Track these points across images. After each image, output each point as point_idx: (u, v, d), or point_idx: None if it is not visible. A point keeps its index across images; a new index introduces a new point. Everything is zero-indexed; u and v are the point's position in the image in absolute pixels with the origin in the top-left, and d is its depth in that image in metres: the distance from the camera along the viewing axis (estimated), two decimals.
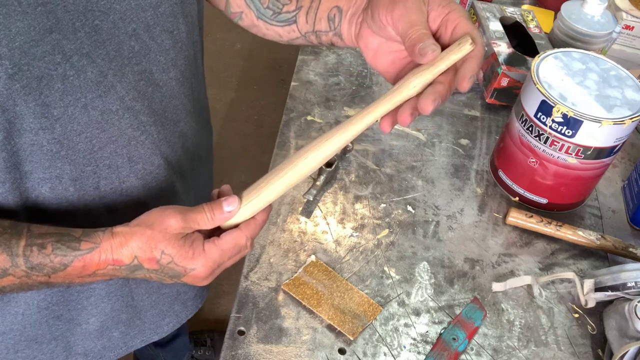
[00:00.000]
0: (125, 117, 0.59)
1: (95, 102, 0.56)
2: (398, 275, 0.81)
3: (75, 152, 0.58)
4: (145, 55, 0.59)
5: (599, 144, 0.81)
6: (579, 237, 0.85)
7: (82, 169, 0.59)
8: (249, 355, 0.70)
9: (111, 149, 0.60)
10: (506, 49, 1.08)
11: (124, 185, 0.64)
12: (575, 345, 0.75)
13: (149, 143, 0.64)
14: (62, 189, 0.59)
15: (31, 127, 0.53)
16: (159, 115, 0.64)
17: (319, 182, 0.88)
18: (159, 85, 0.62)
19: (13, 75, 0.49)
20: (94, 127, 0.57)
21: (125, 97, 0.58)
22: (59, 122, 0.55)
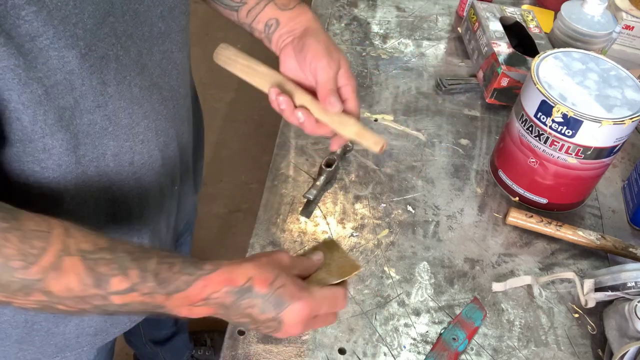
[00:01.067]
0: (155, 92, 0.64)
1: (136, 79, 0.61)
2: (398, 275, 0.81)
3: (119, 127, 0.62)
4: (168, 35, 0.64)
5: (599, 144, 0.81)
6: (579, 237, 0.85)
7: (122, 145, 0.63)
8: (249, 355, 0.70)
9: (145, 123, 0.65)
10: (506, 49, 1.08)
11: (151, 159, 0.68)
12: (575, 345, 0.75)
13: (169, 117, 0.69)
14: (104, 165, 0.63)
15: (91, 105, 0.57)
16: (175, 90, 0.69)
17: (319, 182, 0.88)
18: (176, 63, 0.68)
19: (85, 55, 0.53)
20: (135, 102, 0.62)
21: (153, 74, 0.63)
22: (111, 100, 0.59)
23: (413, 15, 1.33)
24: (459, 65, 1.19)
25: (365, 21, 1.28)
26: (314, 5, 1.31)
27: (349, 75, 0.69)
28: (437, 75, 1.15)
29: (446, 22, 1.32)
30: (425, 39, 1.25)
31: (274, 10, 0.72)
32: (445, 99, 1.11)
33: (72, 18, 0.51)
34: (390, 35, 1.25)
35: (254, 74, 0.70)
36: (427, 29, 1.28)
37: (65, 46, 0.51)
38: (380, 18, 1.30)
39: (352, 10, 1.32)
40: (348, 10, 1.31)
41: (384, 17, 1.31)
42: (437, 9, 1.36)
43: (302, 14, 0.71)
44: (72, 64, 0.53)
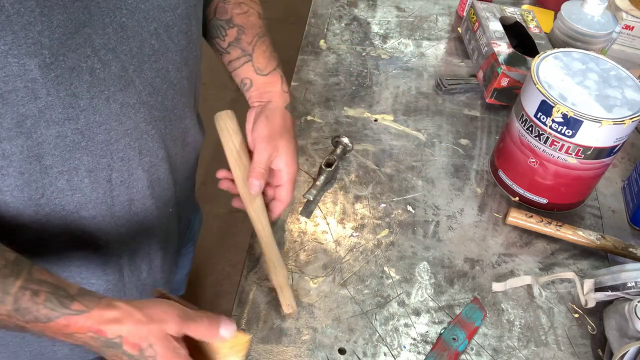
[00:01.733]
0: (141, 111, 0.63)
1: (117, 95, 0.59)
2: (398, 275, 0.81)
3: (94, 143, 0.60)
4: (164, 53, 0.63)
5: (599, 144, 0.81)
6: (579, 237, 0.85)
7: (98, 161, 0.62)
8: (249, 355, 0.70)
9: (125, 141, 0.63)
10: (506, 49, 1.08)
11: (132, 177, 0.66)
12: (575, 345, 0.75)
13: (157, 137, 0.67)
14: (77, 180, 0.61)
15: (59, 117, 0.55)
16: (168, 111, 0.67)
17: (319, 182, 0.88)
18: (173, 83, 0.66)
19: (50, 65, 0.51)
20: (113, 119, 0.60)
21: (142, 92, 0.62)
22: (84, 113, 0.57)
23: (413, 15, 1.33)
24: (459, 65, 1.19)
25: (365, 21, 1.28)
26: (314, 5, 1.31)
27: (289, 161, 0.74)
28: (437, 75, 1.15)
29: (446, 22, 1.32)
30: (425, 39, 1.25)
31: (250, 71, 0.77)
32: (445, 99, 1.11)
33: (37, 25, 0.49)
34: (390, 35, 1.25)
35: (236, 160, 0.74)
36: (427, 29, 1.28)
37: (26, 53, 0.50)
38: (380, 18, 1.30)
39: (352, 10, 1.32)
40: (348, 10, 1.31)
41: (384, 17, 1.31)
42: (437, 9, 1.36)
43: (273, 84, 0.77)
44: (34, 72, 0.51)
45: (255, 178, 0.71)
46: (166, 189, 0.73)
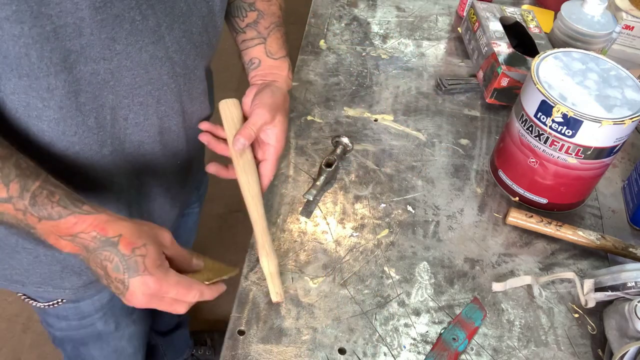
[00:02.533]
0: (166, 64, 0.68)
1: (149, 46, 0.65)
2: (398, 275, 0.81)
3: (120, 84, 0.65)
4: (189, 17, 0.69)
5: (599, 144, 0.81)
6: (579, 237, 0.85)
7: (120, 100, 0.67)
8: (249, 355, 0.70)
9: (147, 89, 0.69)
10: (506, 49, 1.08)
11: (147, 121, 0.72)
12: (575, 345, 0.75)
13: (176, 91, 0.72)
14: (102, 117, 0.67)
15: (96, 56, 0.61)
16: (189, 70, 0.73)
17: (319, 182, 0.88)
18: (195, 45, 0.72)
19: (98, 9, 0.57)
20: (141, 67, 0.66)
21: (170, 48, 0.68)
22: (118, 57, 0.62)
23: (413, 15, 1.33)
24: (459, 65, 1.19)
25: (365, 21, 1.28)
26: (314, 5, 1.31)
27: (280, 138, 0.76)
28: (437, 75, 1.15)
29: (446, 22, 1.32)
30: (425, 39, 1.25)
31: (261, 53, 0.82)
32: (445, 99, 1.11)
33: None
34: (390, 35, 1.25)
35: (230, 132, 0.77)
36: (427, 29, 1.28)
37: None
38: (380, 18, 1.30)
39: (352, 10, 1.32)
40: (348, 10, 1.31)
41: (384, 17, 1.31)
42: (437, 9, 1.36)
43: (280, 68, 0.82)
44: (84, 12, 0.57)
45: (243, 136, 0.74)
46: (176, 140, 0.78)
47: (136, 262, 0.59)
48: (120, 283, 0.59)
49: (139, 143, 0.73)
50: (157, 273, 0.60)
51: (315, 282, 0.78)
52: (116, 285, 0.60)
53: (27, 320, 1.72)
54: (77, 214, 0.60)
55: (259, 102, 0.76)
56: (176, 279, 0.61)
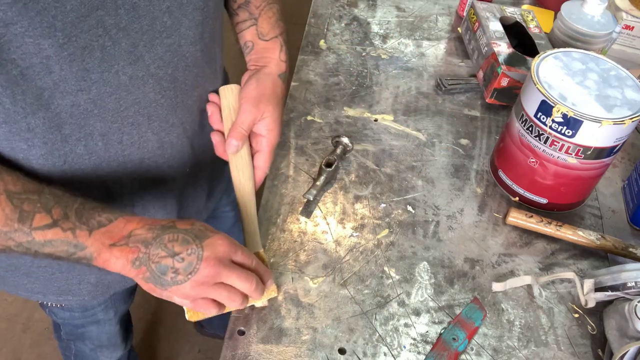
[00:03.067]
0: (149, 82, 0.67)
1: (126, 68, 0.63)
2: (398, 275, 0.81)
3: (105, 110, 0.65)
4: (176, 29, 0.66)
5: (599, 144, 0.81)
6: (579, 237, 0.85)
7: (109, 126, 0.67)
8: (249, 355, 0.70)
9: (135, 109, 0.68)
10: (506, 49, 1.08)
11: (142, 139, 0.71)
12: (575, 345, 0.75)
13: (167, 105, 0.71)
14: (93, 144, 0.67)
15: (72, 89, 0.60)
16: (179, 82, 0.71)
17: (319, 182, 0.88)
18: (185, 56, 0.70)
19: (63, 45, 0.56)
20: (122, 89, 0.65)
21: (151, 66, 0.66)
22: (95, 85, 0.62)
23: (413, 15, 1.33)
24: (459, 65, 1.19)
25: (365, 21, 1.28)
26: (314, 5, 1.31)
27: (272, 127, 0.75)
28: (437, 75, 1.15)
29: (446, 22, 1.32)
30: (425, 39, 1.25)
31: (253, 35, 0.80)
32: (445, 99, 1.11)
33: (51, 11, 0.53)
34: (390, 35, 1.25)
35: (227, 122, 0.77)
36: (427, 29, 1.28)
37: (41, 35, 0.54)
38: (380, 18, 1.30)
39: (352, 10, 1.32)
40: (348, 10, 1.31)
41: (384, 17, 1.31)
42: (437, 9, 1.36)
43: (271, 50, 0.79)
44: (49, 51, 0.56)
45: (234, 138, 0.74)
46: (180, 151, 0.77)
47: (201, 230, 0.62)
48: (193, 255, 0.60)
49: (139, 160, 0.73)
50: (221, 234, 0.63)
51: (315, 282, 0.78)
52: (188, 261, 0.60)
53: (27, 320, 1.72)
54: (125, 216, 0.62)
55: (245, 96, 0.75)
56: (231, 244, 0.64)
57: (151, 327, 1.73)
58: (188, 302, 0.63)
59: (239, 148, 0.74)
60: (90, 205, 0.62)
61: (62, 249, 0.60)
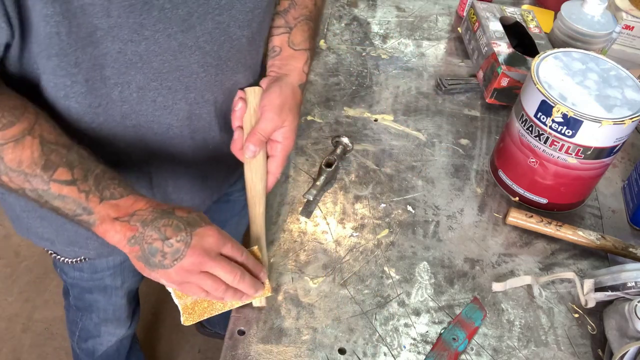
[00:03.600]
0: (196, 54, 0.69)
1: (178, 35, 0.66)
2: (398, 275, 0.81)
3: (149, 67, 0.67)
4: (228, 10, 0.69)
5: (599, 144, 0.81)
6: (579, 237, 0.85)
7: (148, 82, 0.69)
8: (249, 355, 0.70)
9: (176, 75, 0.70)
10: (506, 49, 1.08)
11: (175, 106, 0.74)
12: (575, 345, 0.75)
13: (206, 80, 0.74)
14: (128, 93, 0.69)
15: (124, 37, 0.62)
16: (223, 61, 0.74)
17: (319, 182, 0.88)
18: (231, 38, 0.72)
19: None
20: (169, 53, 0.67)
21: (200, 38, 0.68)
22: (145, 41, 0.64)
23: (413, 15, 1.33)
24: (459, 65, 1.19)
25: (365, 21, 1.28)
26: None
27: (288, 136, 0.77)
28: (437, 75, 1.15)
29: (446, 22, 1.32)
30: (425, 39, 1.25)
31: (283, 42, 0.81)
32: (445, 99, 1.11)
33: None
34: (390, 35, 1.25)
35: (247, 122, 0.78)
36: (427, 29, 1.28)
37: None
38: (380, 18, 1.30)
39: (352, 10, 1.32)
40: (348, 10, 1.31)
41: (384, 17, 1.31)
42: (437, 9, 1.36)
43: (297, 59, 0.80)
44: None
45: (253, 143, 0.75)
46: (207, 128, 0.80)
47: (195, 219, 0.65)
48: (181, 242, 0.63)
49: (167, 126, 0.75)
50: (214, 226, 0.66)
51: (315, 282, 0.79)
52: (176, 247, 0.63)
53: (27, 320, 1.72)
54: (136, 195, 0.66)
55: (268, 103, 0.76)
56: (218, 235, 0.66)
57: (151, 327, 1.73)
58: (175, 285, 0.67)
59: (256, 154, 0.76)
60: (109, 174, 0.66)
61: (71, 208, 0.64)
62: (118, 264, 0.99)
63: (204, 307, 0.71)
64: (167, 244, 0.63)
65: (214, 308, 0.71)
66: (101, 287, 1.04)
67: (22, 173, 0.62)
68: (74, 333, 1.22)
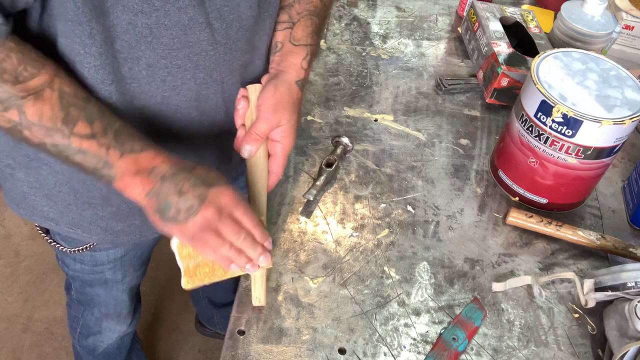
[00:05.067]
0: (206, 30, 0.69)
1: (188, 9, 0.65)
2: (398, 275, 0.81)
3: (158, 42, 0.67)
4: None
5: (599, 144, 0.81)
6: (579, 237, 0.85)
7: (158, 59, 0.68)
8: (249, 355, 0.70)
9: (186, 52, 0.69)
10: (506, 49, 1.08)
11: (184, 85, 0.73)
12: (575, 345, 0.75)
13: (215, 58, 0.73)
14: (137, 70, 0.68)
15: (134, 7, 0.62)
16: (232, 41, 0.73)
17: (319, 182, 0.88)
18: (240, 17, 0.72)
19: None
20: (179, 28, 0.67)
21: (210, 15, 0.68)
22: (156, 13, 0.64)
23: (413, 15, 1.33)
24: (459, 65, 1.19)
25: (365, 21, 1.28)
26: None
27: (287, 134, 0.77)
28: (437, 75, 1.15)
29: (446, 22, 1.32)
30: (425, 39, 1.25)
31: (285, 37, 0.80)
32: (445, 99, 1.11)
33: None
34: (390, 35, 1.25)
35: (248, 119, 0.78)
36: (427, 29, 1.29)
37: None
38: (380, 18, 1.30)
39: (352, 10, 1.32)
40: (348, 10, 1.31)
41: (384, 17, 1.31)
42: (437, 9, 1.36)
43: (296, 55, 0.79)
44: None
45: (248, 143, 0.75)
46: (214, 110, 0.79)
47: (213, 178, 0.66)
48: (196, 198, 0.64)
49: (175, 108, 0.75)
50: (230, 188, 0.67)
51: (315, 282, 0.79)
52: (191, 203, 0.64)
53: (27, 320, 1.72)
54: (156, 149, 0.66)
55: (263, 103, 0.76)
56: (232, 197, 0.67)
57: (151, 327, 1.73)
58: (186, 240, 0.68)
59: (252, 153, 0.76)
60: (129, 130, 0.66)
61: (92, 162, 0.65)
62: (118, 258, 0.99)
63: (205, 272, 0.72)
64: (183, 199, 0.64)
65: (214, 274, 0.72)
66: (102, 281, 1.04)
67: (43, 127, 0.63)
68: (75, 330, 1.23)
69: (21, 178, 0.83)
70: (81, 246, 0.92)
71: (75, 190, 0.81)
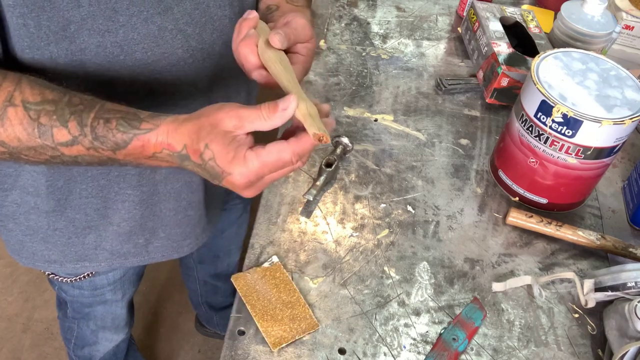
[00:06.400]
0: (178, 37, 0.66)
1: (155, 17, 0.63)
2: (398, 275, 0.81)
3: (132, 59, 0.64)
4: None
5: (599, 144, 0.81)
6: (579, 237, 0.85)
7: (135, 77, 0.66)
8: (249, 355, 0.70)
9: (163, 64, 0.67)
10: (506, 49, 1.08)
11: (169, 101, 0.70)
12: (575, 345, 0.75)
13: (194, 66, 0.70)
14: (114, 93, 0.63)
15: (100, 28, 0.60)
16: (208, 44, 0.70)
17: (319, 182, 0.88)
18: (213, 19, 0.69)
19: None
20: (150, 39, 0.64)
21: (179, 20, 0.65)
22: (123, 29, 0.61)
23: (413, 15, 1.33)
24: (459, 65, 1.19)
25: (365, 21, 1.28)
26: (314, 6, 1.31)
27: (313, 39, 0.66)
28: (437, 75, 1.15)
29: (446, 22, 1.32)
30: (425, 39, 1.25)
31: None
32: (445, 99, 1.11)
33: None
34: (390, 35, 1.25)
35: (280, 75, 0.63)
36: (427, 29, 1.29)
37: None
38: (380, 18, 1.30)
39: (352, 10, 1.32)
40: (348, 10, 1.31)
41: (384, 17, 1.31)
42: (437, 9, 1.36)
43: (301, 12, 0.70)
44: None
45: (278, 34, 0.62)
46: None
47: (213, 168, 0.56)
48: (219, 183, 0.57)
49: None
50: (235, 168, 0.55)
51: (315, 282, 0.79)
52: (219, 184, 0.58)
53: (27, 320, 1.72)
54: (139, 136, 0.57)
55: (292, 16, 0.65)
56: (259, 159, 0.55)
57: (151, 327, 1.73)
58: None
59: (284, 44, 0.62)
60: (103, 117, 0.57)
61: (94, 161, 0.60)
62: (118, 279, 0.97)
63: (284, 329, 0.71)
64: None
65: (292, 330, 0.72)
66: (101, 302, 1.02)
67: (30, 149, 0.58)
68: (69, 341, 1.19)
69: (13, 228, 0.80)
70: (82, 274, 0.90)
71: (72, 219, 0.78)
